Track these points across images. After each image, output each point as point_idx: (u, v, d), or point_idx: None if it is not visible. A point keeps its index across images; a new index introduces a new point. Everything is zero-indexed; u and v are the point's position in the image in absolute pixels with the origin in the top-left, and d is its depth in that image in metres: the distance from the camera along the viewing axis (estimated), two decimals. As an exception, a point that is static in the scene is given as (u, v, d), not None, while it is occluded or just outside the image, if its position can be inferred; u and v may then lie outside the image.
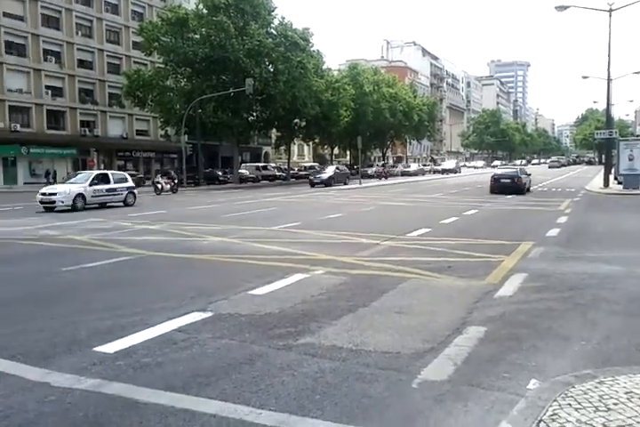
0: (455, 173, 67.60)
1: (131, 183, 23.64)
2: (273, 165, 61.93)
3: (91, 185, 21.28)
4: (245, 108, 43.58)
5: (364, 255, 9.02)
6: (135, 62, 51.13)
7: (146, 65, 49.66)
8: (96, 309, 5.85)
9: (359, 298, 6.18)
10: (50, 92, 46.21)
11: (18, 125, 43.30)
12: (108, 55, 51.27)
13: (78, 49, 48.67)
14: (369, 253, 9.24)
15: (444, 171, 69.04)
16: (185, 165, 40.95)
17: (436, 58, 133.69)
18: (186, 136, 41.60)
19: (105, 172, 24.58)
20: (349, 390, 3.69)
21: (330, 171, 40.94)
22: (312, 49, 48.68)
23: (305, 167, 58.13)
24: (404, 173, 63.61)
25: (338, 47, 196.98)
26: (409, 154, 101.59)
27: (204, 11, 41.65)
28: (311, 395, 3.61)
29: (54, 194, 20.40)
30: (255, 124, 47.98)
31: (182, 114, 39.87)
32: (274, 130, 55.64)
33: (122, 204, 22.41)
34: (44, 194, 20.68)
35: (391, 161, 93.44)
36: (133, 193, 23.40)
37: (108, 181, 22.23)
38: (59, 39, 46.88)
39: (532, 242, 10.29)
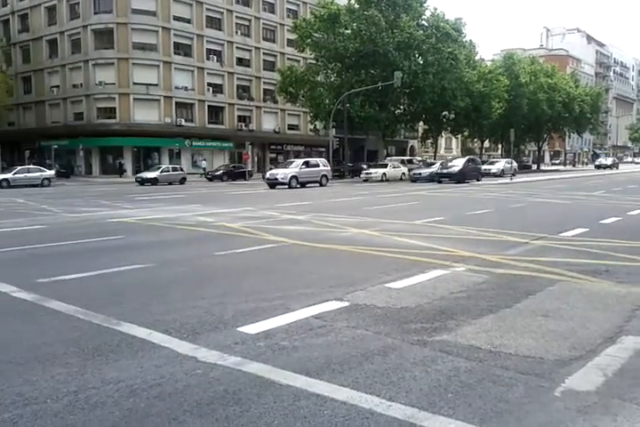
0: (611, 168, 66.31)
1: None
2: (419, 158, 61.17)
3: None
4: (393, 102, 43.51)
5: (511, 254, 8.58)
6: (289, 59, 53.22)
7: (298, 61, 51.46)
8: (242, 291, 6.20)
9: (502, 298, 5.89)
10: (211, 89, 49.67)
11: (182, 120, 47.12)
12: (264, 53, 53.93)
13: (237, 48, 51.73)
14: (516, 252, 8.77)
15: (599, 166, 68.88)
16: (331, 159, 41.87)
17: (602, 45, 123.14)
18: (333, 130, 42.52)
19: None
20: (484, 392, 3.53)
21: (459, 164, 34.80)
22: (464, 39, 47.36)
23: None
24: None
25: (493, 37, 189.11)
26: (568, 148, 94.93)
27: (356, 5, 42.16)
28: (443, 393, 3.52)
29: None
30: (402, 118, 47.75)
31: (331, 108, 40.77)
32: (421, 123, 54.94)
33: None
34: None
35: (547, 155, 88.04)
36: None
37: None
38: (220, 39, 50.17)
39: None
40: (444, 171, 34.02)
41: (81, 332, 4.77)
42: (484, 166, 42.56)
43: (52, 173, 36.50)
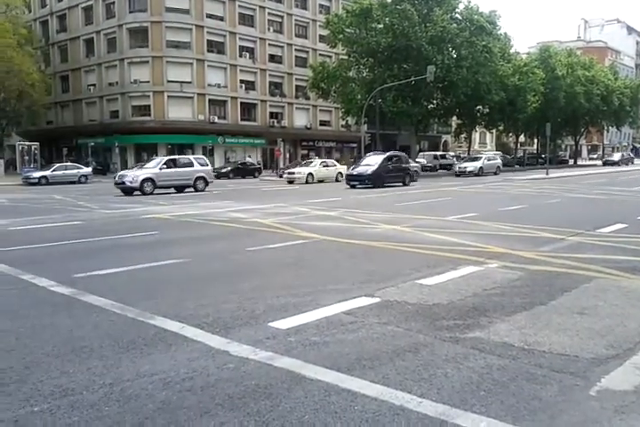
0: (619, 165, 59.72)
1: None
2: (452, 153, 60.54)
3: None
4: (425, 96, 43.09)
5: (546, 250, 8.42)
6: (320, 55, 53.18)
7: (330, 57, 51.38)
8: (273, 287, 6.24)
9: (536, 295, 5.80)
10: (244, 85, 49.99)
11: (215, 117, 47.56)
12: (296, 49, 54.01)
13: (270, 44, 51.92)
14: (551, 249, 8.60)
15: (607, 163, 62.59)
16: (364, 154, 41.68)
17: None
18: (365, 125, 42.35)
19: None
20: (518, 390, 3.48)
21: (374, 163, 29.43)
22: (499, 32, 46.56)
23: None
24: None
25: (528, 29, 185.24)
26: (606, 142, 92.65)
27: (388, 0, 41.79)
28: (476, 390, 3.48)
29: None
30: (435, 112, 47.27)
31: (363, 104, 40.59)
32: (454, 117, 54.28)
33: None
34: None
35: (585, 150, 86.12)
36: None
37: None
38: (253, 36, 50.42)
39: None
40: (354, 172, 27.38)
41: (116, 325, 4.88)
42: (464, 164, 40.78)
43: (88, 170, 37.24)
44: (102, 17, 48.43)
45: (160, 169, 23.71)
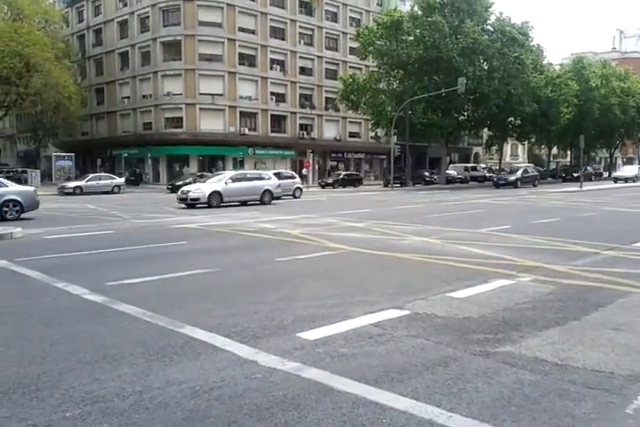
0: (633, 181, 46.15)
1: None
2: (483, 165, 60.03)
3: None
4: (456, 108, 42.88)
5: (579, 264, 8.25)
6: (351, 67, 53.40)
7: (360, 69, 51.55)
8: (302, 297, 6.24)
9: (570, 310, 5.68)
10: (274, 98, 50.45)
11: (246, 129, 48.06)
12: (326, 61, 54.36)
13: (300, 57, 52.36)
14: (585, 263, 8.43)
15: (617, 179, 47.71)
16: (393, 166, 41.63)
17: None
18: (395, 137, 42.29)
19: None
20: (550, 406, 3.40)
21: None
22: (531, 44, 46.18)
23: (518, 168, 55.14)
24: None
25: (562, 40, 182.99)
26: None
27: (419, 12, 41.89)
28: (506, 405, 3.41)
29: None
30: (465, 124, 46.98)
31: (393, 115, 40.58)
32: (485, 129, 53.83)
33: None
34: None
35: (620, 162, 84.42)
36: None
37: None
38: (284, 48, 50.94)
39: None
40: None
41: (147, 334, 4.93)
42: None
43: (122, 180, 37.91)
44: (137, 31, 49.55)
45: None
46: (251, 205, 23.18)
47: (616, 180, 47.63)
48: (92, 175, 37.76)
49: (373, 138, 52.91)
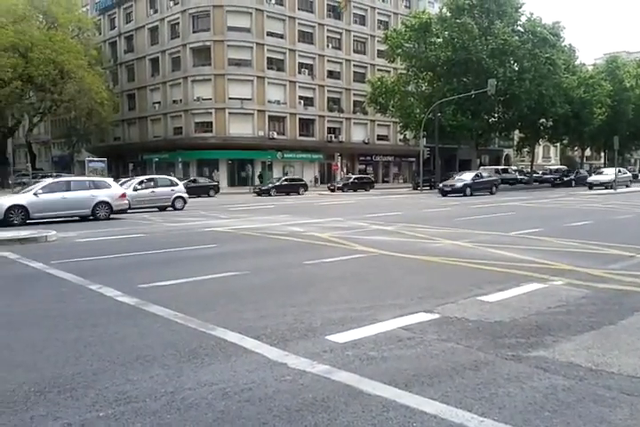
0: (606, 188, 36.67)
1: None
2: (514, 167, 59.25)
3: None
4: (486, 110, 42.44)
5: (614, 268, 8.08)
6: (379, 70, 53.37)
7: (389, 72, 51.46)
8: (331, 300, 6.24)
9: (604, 314, 5.56)
10: (302, 102, 50.66)
11: (274, 133, 48.35)
12: (354, 65, 54.41)
13: (328, 60, 52.52)
14: (620, 266, 8.25)
15: (592, 185, 38.20)
16: (422, 169, 41.37)
17: None
18: (424, 140, 42.06)
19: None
20: (584, 412, 3.34)
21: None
22: (563, 44, 45.48)
23: (551, 170, 54.23)
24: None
25: (595, 40, 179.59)
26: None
27: (448, 14, 41.62)
28: (539, 411, 3.36)
29: None
30: (496, 126, 46.45)
31: (422, 118, 40.36)
32: (516, 131, 53.13)
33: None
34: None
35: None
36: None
37: None
38: (312, 52, 51.15)
39: None
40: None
41: (178, 335, 4.99)
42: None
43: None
44: (167, 37, 50.31)
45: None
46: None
47: (591, 186, 38.17)
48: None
49: (402, 140, 52.69)
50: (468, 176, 33.94)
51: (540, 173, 55.41)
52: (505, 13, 41.49)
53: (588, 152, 70.77)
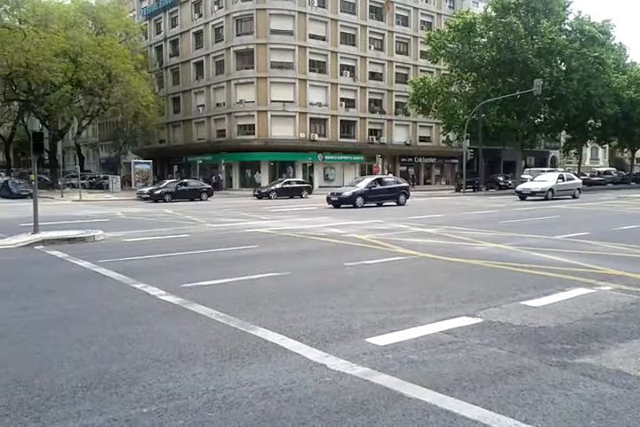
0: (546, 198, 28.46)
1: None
2: (561, 169, 57.72)
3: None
4: (532, 110, 41.51)
5: (666, 273, 7.80)
6: (421, 71, 52.87)
7: (431, 73, 50.93)
8: (371, 303, 6.22)
9: (655, 321, 5.37)
10: (344, 103, 50.63)
11: (316, 135, 48.47)
12: (396, 66, 54.05)
13: (370, 62, 52.32)
14: (672, 272, 7.96)
15: (522, 194, 29.16)
16: (465, 170, 40.80)
17: None
18: (467, 141, 41.47)
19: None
20: (633, 422, 3.23)
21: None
22: (613, 42, 44.14)
23: (599, 172, 52.64)
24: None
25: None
26: None
27: (493, 13, 40.90)
28: (585, 419, 3.27)
29: None
30: (542, 127, 45.37)
31: (465, 119, 39.78)
32: (563, 132, 51.81)
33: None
34: None
35: None
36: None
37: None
38: (354, 54, 51.06)
39: None
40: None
41: (220, 334, 5.06)
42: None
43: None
44: (211, 41, 51.07)
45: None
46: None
47: (521, 195, 29.16)
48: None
49: (445, 142, 52.07)
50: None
51: (588, 175, 53.89)
52: (552, 12, 40.52)
53: (638, 154, 68.45)
